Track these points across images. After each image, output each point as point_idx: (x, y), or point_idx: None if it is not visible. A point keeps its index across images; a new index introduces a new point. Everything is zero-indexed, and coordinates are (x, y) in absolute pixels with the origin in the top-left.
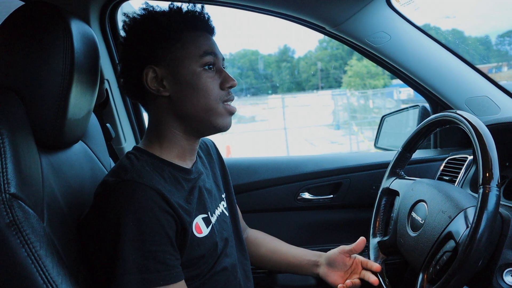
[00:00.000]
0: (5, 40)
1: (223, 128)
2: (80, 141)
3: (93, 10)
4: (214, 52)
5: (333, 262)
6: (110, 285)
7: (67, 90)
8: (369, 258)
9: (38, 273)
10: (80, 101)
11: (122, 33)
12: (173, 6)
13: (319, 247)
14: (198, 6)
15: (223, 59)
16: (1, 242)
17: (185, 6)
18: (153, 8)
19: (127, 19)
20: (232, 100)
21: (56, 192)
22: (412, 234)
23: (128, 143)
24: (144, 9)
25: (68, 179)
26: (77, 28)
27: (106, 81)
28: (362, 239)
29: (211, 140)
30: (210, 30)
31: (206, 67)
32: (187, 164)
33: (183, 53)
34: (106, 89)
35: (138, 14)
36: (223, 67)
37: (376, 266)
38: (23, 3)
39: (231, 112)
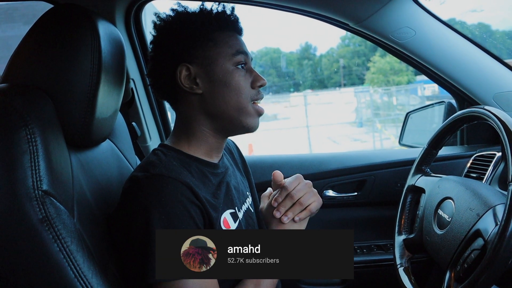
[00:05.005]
0: (35, 42)
1: (251, 129)
2: (107, 140)
3: (118, 10)
4: (245, 51)
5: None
6: (144, 278)
7: (95, 90)
8: (394, 256)
9: (69, 267)
10: (107, 100)
11: (153, 32)
12: (204, 6)
13: None
14: (228, 7)
15: (251, 59)
16: (34, 237)
17: (215, 7)
18: (185, 8)
19: (158, 19)
20: (262, 99)
21: (85, 189)
22: (438, 232)
23: (153, 141)
24: (176, 9)
25: (97, 176)
26: (104, 29)
27: (131, 81)
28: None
29: (232, 141)
30: (239, 31)
31: (239, 66)
32: (214, 160)
33: (216, 51)
34: (132, 89)
35: (170, 14)
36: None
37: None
38: (52, 6)
39: (260, 113)
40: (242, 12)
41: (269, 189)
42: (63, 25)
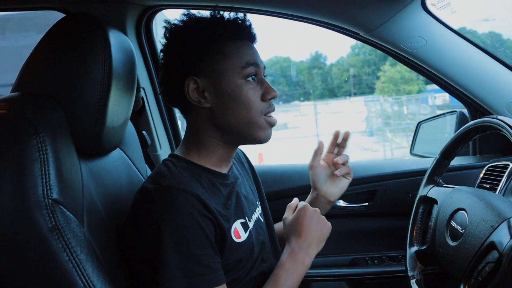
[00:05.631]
0: (47, 51)
1: (263, 141)
2: (117, 148)
3: (129, 19)
4: (256, 62)
5: (319, 178)
6: None
7: (105, 98)
8: (406, 268)
9: (78, 276)
10: (118, 109)
11: (163, 40)
12: (215, 13)
13: (354, 256)
14: (241, 13)
15: (264, 67)
16: (44, 246)
17: (226, 14)
18: (195, 16)
19: (168, 27)
20: (273, 111)
21: (95, 198)
22: (451, 243)
23: (164, 150)
24: (185, 17)
25: (107, 185)
26: (115, 38)
27: (142, 90)
28: (321, 142)
29: (241, 150)
30: (252, 38)
31: (249, 78)
32: (224, 170)
33: (225, 64)
34: (142, 97)
35: (179, 23)
36: (264, 76)
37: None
38: (64, 15)
39: (272, 125)
40: (252, 19)
41: (295, 199)
42: (75, 34)
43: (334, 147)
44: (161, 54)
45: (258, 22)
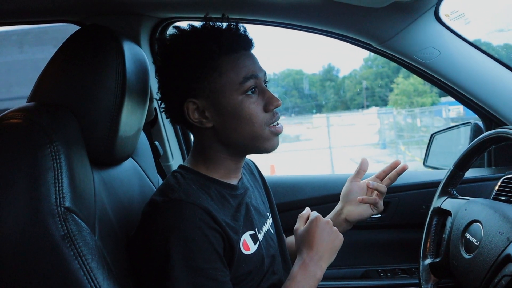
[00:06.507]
0: (62, 62)
1: (270, 150)
2: (130, 158)
3: (143, 31)
4: (254, 74)
5: (349, 194)
6: None
7: (119, 109)
8: (419, 281)
9: (89, 284)
10: (130, 119)
11: (157, 61)
12: (206, 27)
13: (366, 268)
14: (232, 22)
15: (265, 73)
16: (56, 253)
17: (218, 25)
18: (186, 32)
19: (160, 47)
20: (278, 119)
21: (107, 207)
22: (466, 256)
23: (176, 160)
24: (175, 35)
25: (119, 194)
26: (129, 49)
27: (155, 100)
28: (363, 159)
29: (251, 160)
30: (248, 46)
31: (248, 92)
32: (233, 181)
33: (221, 82)
34: (155, 108)
35: (171, 42)
36: (265, 82)
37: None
38: (79, 27)
39: (277, 133)
40: (264, 33)
41: (307, 209)
42: (89, 46)
43: (386, 174)
44: (157, 75)
45: (270, 35)
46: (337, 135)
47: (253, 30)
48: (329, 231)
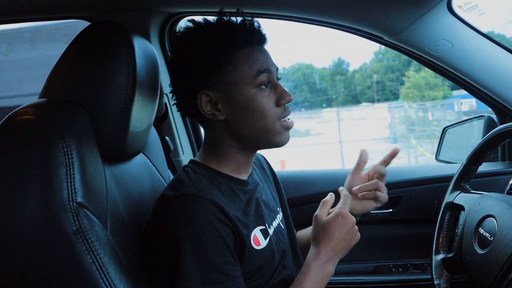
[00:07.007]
0: (73, 58)
1: (281, 144)
2: (141, 153)
3: (153, 26)
4: (268, 68)
5: (350, 185)
6: None
7: (129, 104)
8: (432, 276)
9: (101, 279)
10: (141, 115)
11: (170, 54)
12: (221, 21)
13: (377, 263)
14: (247, 16)
15: (277, 69)
16: (68, 249)
17: (233, 19)
18: (200, 25)
19: (173, 39)
20: (289, 114)
21: (118, 202)
22: (479, 251)
23: (186, 155)
24: (190, 27)
25: (130, 190)
26: (139, 45)
27: (165, 96)
28: (363, 150)
29: (262, 155)
30: (262, 41)
31: (262, 86)
32: (243, 176)
33: (235, 75)
34: (165, 103)
35: (185, 35)
36: (278, 78)
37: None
38: (89, 23)
39: (288, 128)
40: (274, 27)
41: (331, 195)
42: (99, 42)
43: (386, 164)
44: (170, 67)
45: (280, 29)
46: (347, 129)
47: (263, 25)
48: (350, 230)
